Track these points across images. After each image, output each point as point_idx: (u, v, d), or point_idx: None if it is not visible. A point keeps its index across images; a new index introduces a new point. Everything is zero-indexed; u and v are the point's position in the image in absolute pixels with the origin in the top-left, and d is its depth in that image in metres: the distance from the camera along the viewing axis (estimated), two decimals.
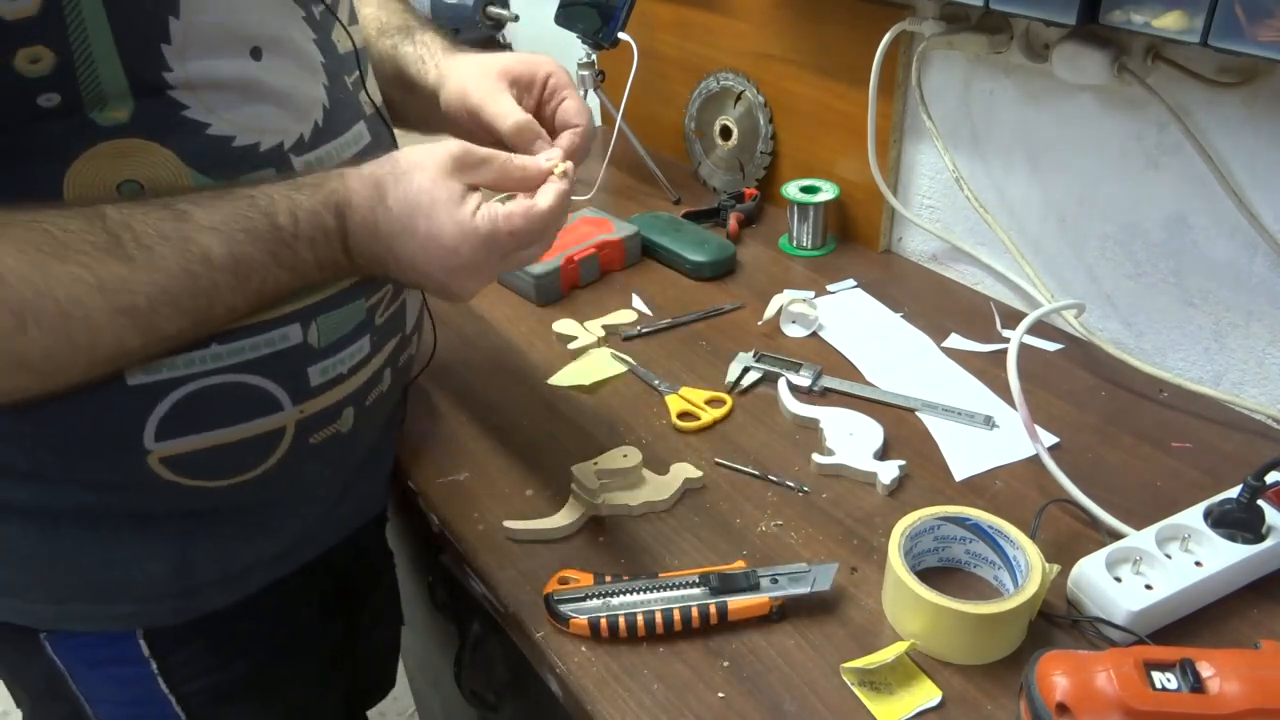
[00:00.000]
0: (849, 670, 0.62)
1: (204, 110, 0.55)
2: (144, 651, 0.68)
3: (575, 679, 0.63)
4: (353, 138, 0.65)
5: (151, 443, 0.59)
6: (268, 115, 0.58)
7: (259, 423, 0.62)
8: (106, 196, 0.52)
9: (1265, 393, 0.84)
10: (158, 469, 0.60)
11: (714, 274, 1.08)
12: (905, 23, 0.97)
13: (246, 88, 0.56)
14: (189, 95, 0.54)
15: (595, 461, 0.77)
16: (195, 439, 0.60)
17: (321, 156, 0.62)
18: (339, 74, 0.65)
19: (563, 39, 1.26)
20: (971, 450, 0.81)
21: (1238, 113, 0.77)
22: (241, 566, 0.69)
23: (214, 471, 0.62)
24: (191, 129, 0.54)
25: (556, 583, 0.67)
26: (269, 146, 0.58)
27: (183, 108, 0.54)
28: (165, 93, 0.53)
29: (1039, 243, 0.98)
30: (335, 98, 0.63)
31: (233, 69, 0.56)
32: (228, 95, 0.55)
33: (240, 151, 0.57)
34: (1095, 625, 0.64)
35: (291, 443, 0.65)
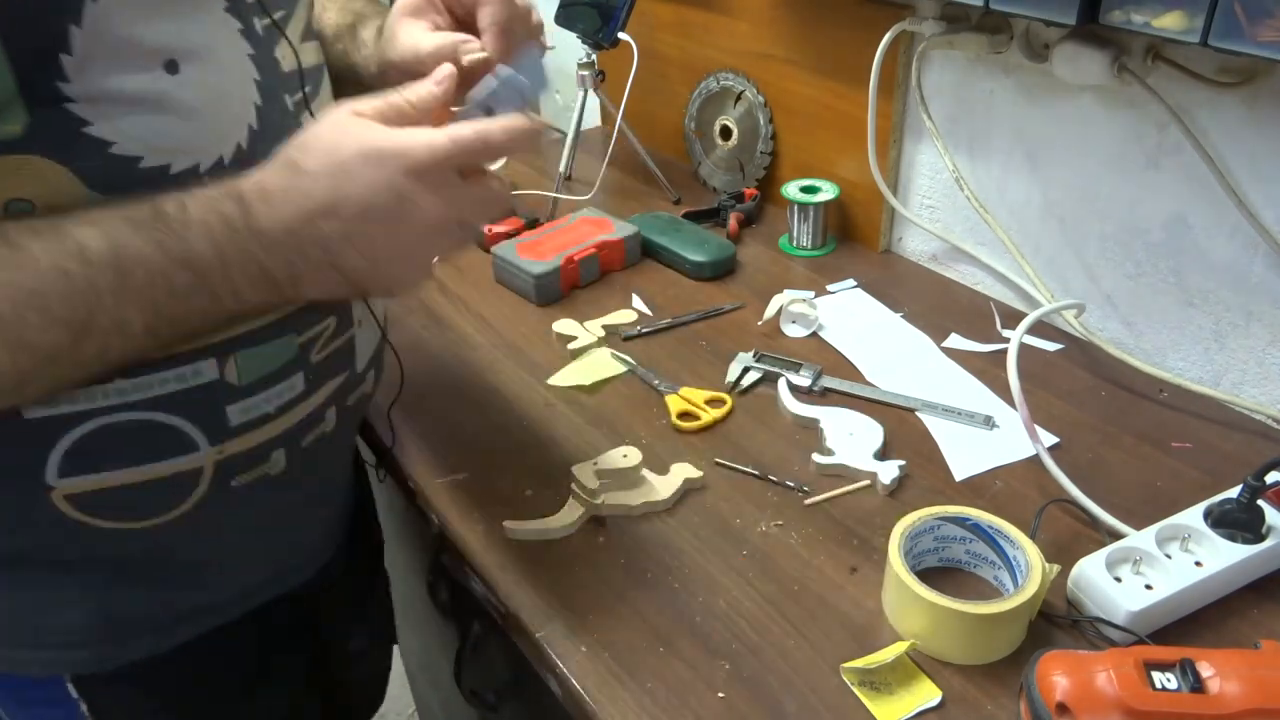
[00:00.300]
0: (849, 670, 0.62)
1: (107, 127, 0.50)
2: (72, 694, 0.66)
3: (575, 679, 0.63)
4: None
5: (54, 479, 0.56)
6: (180, 134, 0.53)
7: (172, 462, 0.59)
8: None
9: (1265, 393, 0.84)
10: (63, 506, 0.57)
11: (714, 274, 1.08)
12: (905, 23, 0.97)
13: (157, 103, 0.51)
14: (90, 109, 0.49)
15: (595, 461, 0.77)
16: (102, 476, 0.57)
17: None
18: (277, 92, 0.59)
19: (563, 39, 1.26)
20: (971, 450, 0.81)
21: (1238, 113, 0.77)
22: (172, 616, 0.67)
23: (126, 512, 0.59)
24: (92, 147, 0.49)
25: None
26: (181, 168, 0.53)
27: (83, 123, 0.49)
28: (63, 105, 0.48)
29: (1039, 243, 0.98)
30: (268, 118, 0.58)
31: (142, 82, 0.50)
32: (135, 111, 0.50)
33: (147, 173, 0.52)
34: (1095, 625, 0.64)
35: (211, 484, 0.61)
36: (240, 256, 0.50)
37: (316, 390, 0.65)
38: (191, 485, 0.61)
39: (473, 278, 1.10)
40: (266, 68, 0.58)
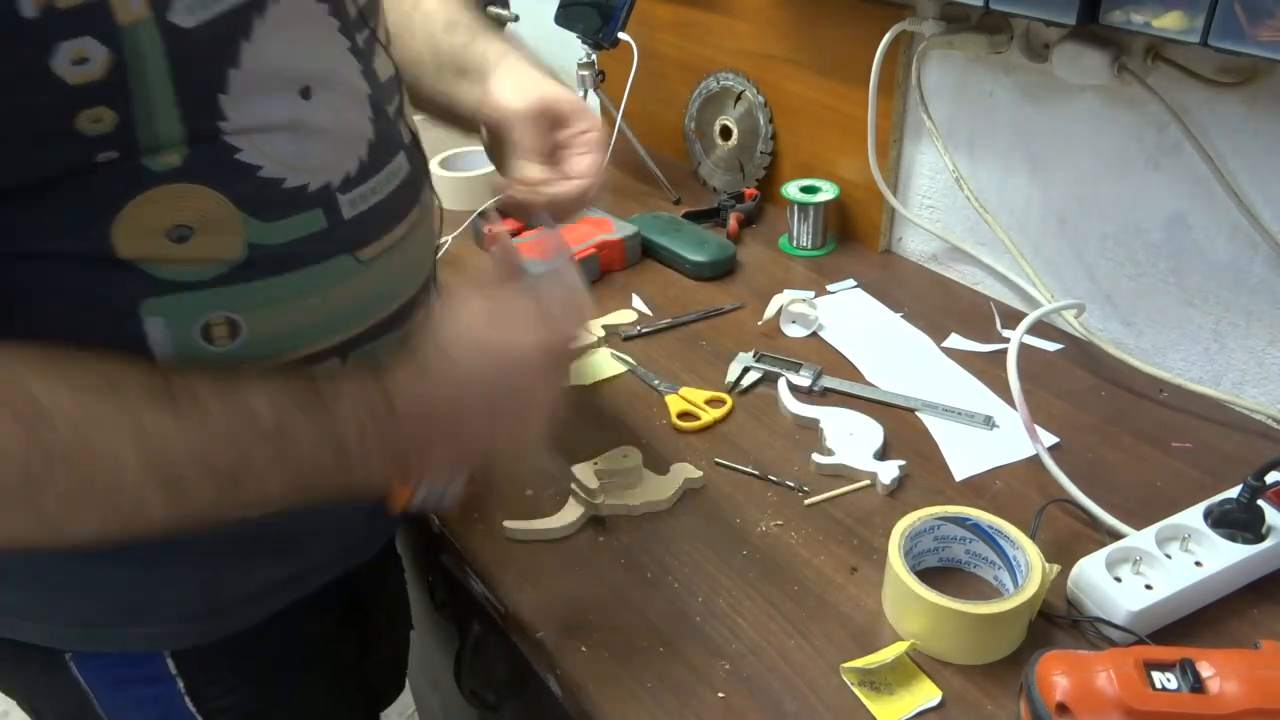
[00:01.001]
0: (849, 670, 0.62)
1: (256, 153, 0.52)
2: (171, 670, 0.67)
3: (575, 679, 0.63)
4: (393, 170, 0.63)
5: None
6: (316, 155, 0.56)
7: None
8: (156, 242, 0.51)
9: (1265, 393, 0.84)
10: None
11: (714, 274, 1.08)
12: (905, 23, 0.97)
13: (296, 128, 0.55)
14: (241, 139, 0.52)
15: (595, 461, 0.77)
16: None
17: (364, 192, 0.60)
18: (382, 104, 0.63)
19: (563, 39, 1.26)
20: (971, 450, 0.81)
21: (1238, 113, 0.77)
22: (266, 586, 0.68)
23: None
24: (244, 172, 0.52)
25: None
26: (317, 187, 0.56)
27: (236, 150, 0.52)
28: (219, 138, 0.51)
29: (1039, 243, 0.98)
30: (380, 130, 0.61)
31: (284, 110, 0.54)
32: (278, 136, 0.54)
33: (289, 193, 0.55)
34: (1095, 625, 0.64)
35: None
36: (378, 441, 0.54)
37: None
38: None
39: (473, 278, 1.10)
40: (372, 80, 0.61)
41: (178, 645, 0.67)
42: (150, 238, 0.51)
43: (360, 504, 0.73)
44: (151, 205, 0.50)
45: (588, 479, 0.74)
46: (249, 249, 0.54)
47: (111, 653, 0.67)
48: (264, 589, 0.69)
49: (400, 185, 0.64)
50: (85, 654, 0.66)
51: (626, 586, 0.69)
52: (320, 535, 0.70)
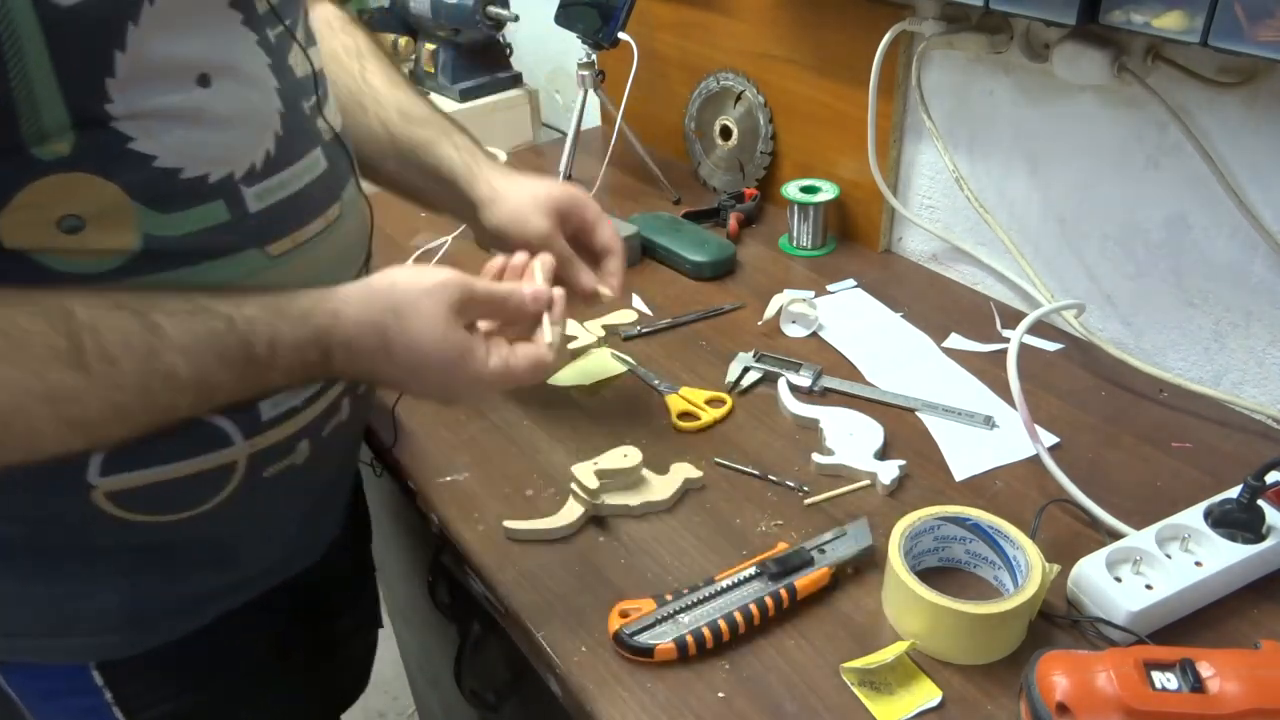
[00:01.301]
0: (849, 670, 0.62)
1: (150, 142, 0.52)
2: (97, 682, 0.67)
3: (575, 679, 0.63)
4: (307, 165, 0.63)
5: (96, 478, 0.57)
6: (216, 145, 0.56)
7: (208, 457, 0.61)
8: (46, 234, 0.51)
9: (1265, 393, 0.84)
10: (103, 504, 0.58)
11: (714, 274, 1.08)
12: (905, 23, 0.97)
13: (194, 117, 0.54)
14: (133, 126, 0.51)
15: (595, 461, 0.77)
16: (142, 474, 0.59)
17: (272, 185, 0.59)
18: (296, 99, 0.62)
19: (563, 39, 1.26)
20: (971, 450, 0.81)
21: (1238, 113, 0.77)
22: (195, 598, 0.68)
23: (162, 506, 0.61)
24: (137, 162, 0.52)
25: (618, 616, 0.65)
26: (218, 178, 0.56)
27: (127, 139, 0.51)
28: (108, 125, 0.50)
29: (1039, 243, 0.98)
30: (290, 124, 0.61)
31: (179, 99, 0.53)
32: (174, 126, 0.53)
33: (188, 184, 0.54)
34: (1095, 625, 0.64)
35: (244, 477, 0.63)
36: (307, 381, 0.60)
37: (335, 381, 0.68)
38: (226, 479, 0.62)
39: None
40: (283, 75, 0.61)
41: (101, 657, 0.66)
42: (40, 228, 0.50)
43: (295, 510, 0.72)
44: (40, 194, 0.50)
45: (588, 479, 0.74)
46: (145, 240, 0.53)
47: (37, 664, 0.66)
48: (193, 600, 0.68)
49: (315, 180, 0.63)
50: (12, 665, 0.66)
51: (626, 587, 0.69)
52: (253, 544, 0.70)
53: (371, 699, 1.78)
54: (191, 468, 0.60)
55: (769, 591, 0.65)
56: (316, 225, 0.63)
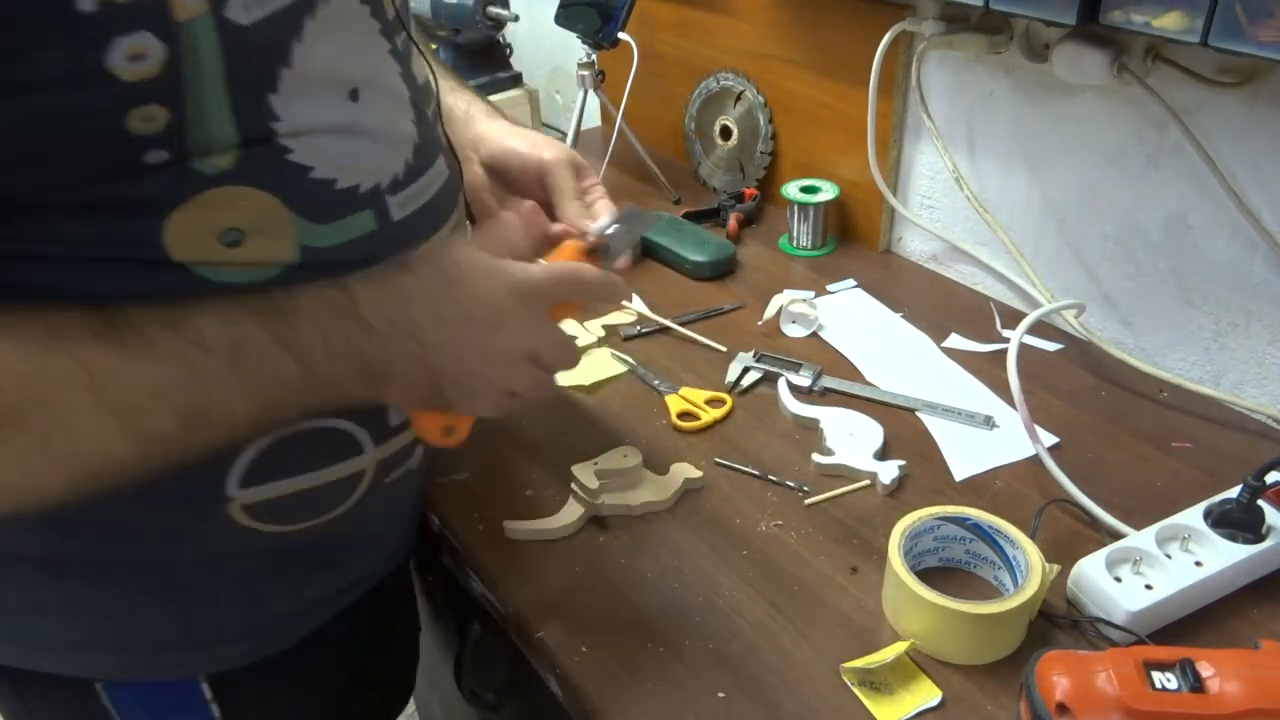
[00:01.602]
0: (849, 670, 0.62)
1: (307, 154, 0.53)
2: (207, 695, 0.66)
3: (575, 679, 0.63)
4: (436, 172, 0.63)
5: (235, 490, 0.57)
6: (366, 156, 0.56)
7: (342, 466, 0.61)
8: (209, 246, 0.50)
9: (1265, 393, 0.84)
10: (238, 516, 0.58)
11: (714, 274, 1.08)
12: (905, 23, 0.97)
13: (346, 130, 0.55)
14: (292, 140, 0.52)
15: (595, 461, 0.77)
16: (281, 484, 0.59)
17: (412, 194, 0.60)
18: (422, 107, 0.63)
19: (563, 39, 1.26)
20: (971, 450, 0.81)
21: (1238, 113, 0.77)
22: (310, 603, 0.68)
23: (295, 517, 0.61)
24: (295, 174, 0.52)
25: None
26: (367, 188, 0.56)
27: (287, 152, 0.52)
28: (271, 140, 0.51)
29: (1039, 243, 0.98)
30: (422, 132, 0.62)
31: (334, 113, 0.54)
32: (328, 139, 0.54)
33: (341, 195, 0.55)
34: (1095, 625, 0.64)
35: (370, 484, 0.63)
36: (344, 344, 0.52)
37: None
38: (355, 486, 0.63)
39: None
40: (411, 83, 0.62)
41: (215, 669, 0.66)
42: (203, 240, 0.50)
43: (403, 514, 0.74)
44: (203, 209, 0.50)
45: (588, 479, 0.74)
46: (301, 251, 0.53)
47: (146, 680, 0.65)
48: (307, 605, 0.68)
49: (443, 187, 0.64)
50: (118, 682, 0.65)
51: (626, 586, 0.69)
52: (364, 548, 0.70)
53: None
54: (327, 476, 0.60)
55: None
56: (445, 230, 0.64)
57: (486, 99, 0.82)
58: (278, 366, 0.50)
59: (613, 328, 0.99)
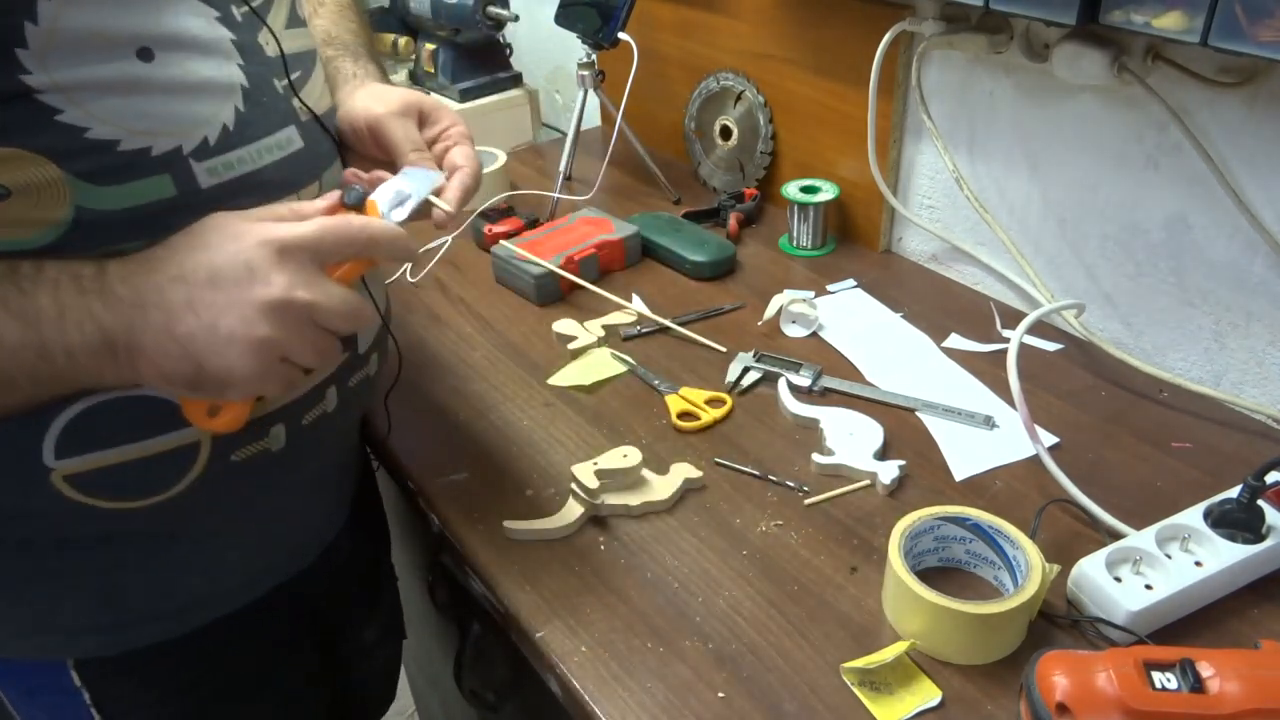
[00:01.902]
0: (849, 670, 0.62)
1: (79, 113, 0.51)
2: (75, 682, 0.66)
3: (575, 679, 0.63)
4: (277, 143, 0.61)
5: (52, 460, 0.56)
6: (158, 117, 0.54)
7: (169, 437, 0.59)
8: None
9: (1265, 393, 0.84)
10: (63, 488, 0.57)
11: (714, 274, 1.08)
12: (905, 23, 0.97)
13: (132, 88, 0.53)
14: (60, 98, 0.51)
15: (595, 461, 0.77)
16: (100, 455, 0.57)
17: (231, 161, 0.58)
18: (264, 76, 0.61)
19: (563, 39, 1.26)
20: (971, 450, 0.81)
21: (1238, 113, 0.77)
22: (175, 603, 0.67)
23: (125, 491, 0.59)
24: (66, 132, 0.51)
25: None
26: (164, 150, 0.54)
27: (56, 111, 0.51)
28: (33, 97, 0.50)
29: (1039, 243, 0.98)
30: (256, 101, 0.60)
31: (113, 70, 0.52)
32: (108, 97, 0.52)
33: (128, 156, 0.53)
34: (1095, 625, 0.64)
35: (209, 460, 0.61)
36: (79, 313, 0.49)
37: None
38: (190, 460, 0.61)
39: (473, 278, 1.10)
40: (250, 52, 0.60)
41: (77, 655, 0.65)
42: None
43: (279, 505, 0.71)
44: None
45: (588, 479, 0.74)
46: (77, 212, 0.52)
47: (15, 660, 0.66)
48: (176, 602, 0.67)
49: (286, 159, 0.62)
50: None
51: (626, 586, 0.69)
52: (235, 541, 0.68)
53: None
54: (151, 448, 0.59)
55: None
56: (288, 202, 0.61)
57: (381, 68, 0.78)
58: (5, 334, 0.48)
59: (613, 328, 0.99)
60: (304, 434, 0.67)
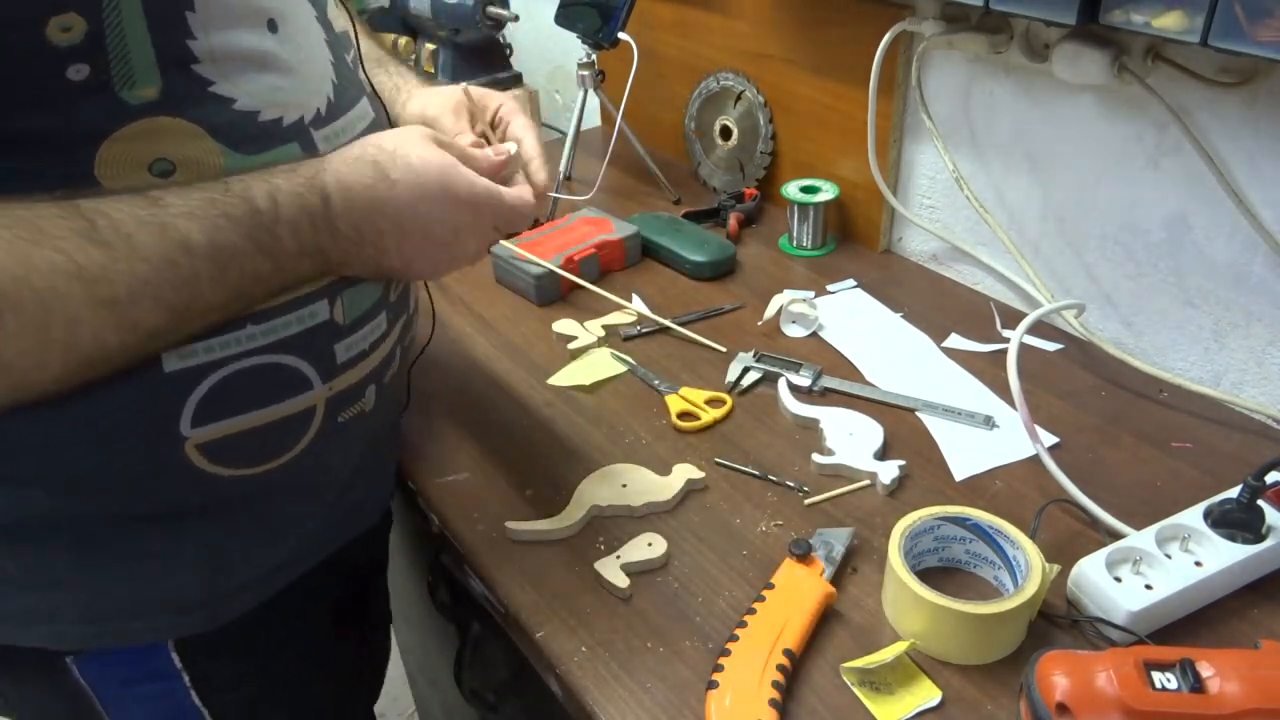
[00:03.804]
0: (849, 670, 0.62)
1: (229, 85, 0.55)
2: (176, 664, 0.66)
3: (575, 679, 0.63)
4: (360, 113, 0.66)
5: (188, 429, 0.57)
6: (287, 89, 0.58)
7: (293, 402, 0.61)
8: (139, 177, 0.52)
9: (1265, 393, 0.84)
10: (194, 458, 0.58)
11: (714, 274, 1.08)
12: (905, 23, 0.97)
13: (265, 61, 0.57)
14: (213, 69, 0.54)
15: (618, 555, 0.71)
16: (232, 422, 0.59)
17: (339, 129, 0.62)
18: (340, 51, 0.66)
19: (563, 39, 1.26)
20: (971, 450, 0.81)
21: (1238, 113, 0.77)
22: (270, 565, 0.68)
23: (249, 457, 0.61)
24: (218, 104, 0.54)
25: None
26: (291, 121, 0.59)
27: (209, 83, 0.54)
28: (190, 67, 0.53)
29: (1039, 243, 0.98)
30: (341, 73, 0.65)
31: (252, 41, 0.56)
32: (249, 69, 0.56)
33: (265, 126, 0.57)
34: (1095, 625, 0.64)
35: (321, 423, 0.64)
36: (313, 248, 0.57)
37: (394, 328, 0.70)
38: (306, 424, 0.63)
39: (473, 277, 1.10)
40: (328, 28, 0.65)
41: (182, 633, 0.66)
42: (134, 171, 0.52)
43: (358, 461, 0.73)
44: (132, 140, 0.52)
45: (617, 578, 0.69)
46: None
47: (115, 649, 0.66)
48: (269, 569, 0.68)
49: (368, 128, 0.66)
50: (87, 653, 0.65)
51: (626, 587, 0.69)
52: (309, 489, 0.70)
53: None
54: (278, 413, 0.61)
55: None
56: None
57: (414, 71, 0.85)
58: (257, 267, 0.55)
59: (613, 328, 0.99)
60: (385, 392, 0.70)
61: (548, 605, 0.68)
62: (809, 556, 0.68)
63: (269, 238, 0.54)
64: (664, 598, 0.68)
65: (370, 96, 0.69)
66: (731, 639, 0.63)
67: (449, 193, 0.61)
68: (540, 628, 0.67)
